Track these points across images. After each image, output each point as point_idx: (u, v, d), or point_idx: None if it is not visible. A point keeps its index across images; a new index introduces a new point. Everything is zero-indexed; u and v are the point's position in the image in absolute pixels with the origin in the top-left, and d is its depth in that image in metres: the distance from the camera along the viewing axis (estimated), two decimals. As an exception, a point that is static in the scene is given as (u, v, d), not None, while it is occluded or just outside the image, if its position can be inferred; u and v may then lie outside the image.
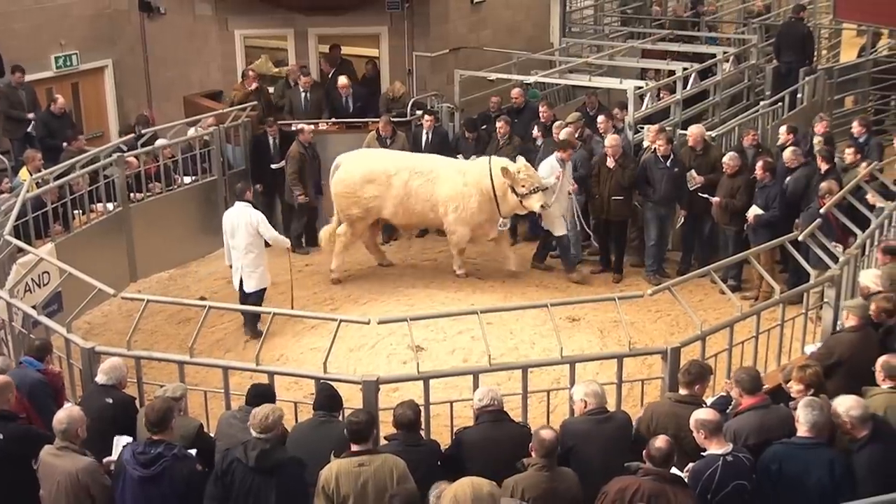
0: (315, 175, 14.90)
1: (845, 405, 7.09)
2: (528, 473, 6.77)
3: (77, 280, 9.92)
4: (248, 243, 12.24)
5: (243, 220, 12.28)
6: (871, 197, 11.43)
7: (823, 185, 11.78)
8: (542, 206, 13.27)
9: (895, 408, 7.41)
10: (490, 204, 13.52)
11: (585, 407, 7.58)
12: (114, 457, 7.43)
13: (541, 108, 15.47)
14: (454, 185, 13.60)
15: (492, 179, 13.36)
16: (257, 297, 12.41)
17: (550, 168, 13.57)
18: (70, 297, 10.59)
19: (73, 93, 16.96)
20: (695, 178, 13.39)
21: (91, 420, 7.44)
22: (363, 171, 13.76)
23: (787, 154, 13.01)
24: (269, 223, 15.14)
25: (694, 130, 13.87)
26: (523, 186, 13.18)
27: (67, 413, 7.29)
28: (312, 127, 15.21)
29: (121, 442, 7.54)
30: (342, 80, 16.31)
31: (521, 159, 13.50)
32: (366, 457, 6.87)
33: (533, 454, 6.85)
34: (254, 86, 15.85)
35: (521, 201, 13.32)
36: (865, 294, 9.43)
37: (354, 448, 6.93)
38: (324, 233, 14.41)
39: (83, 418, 7.27)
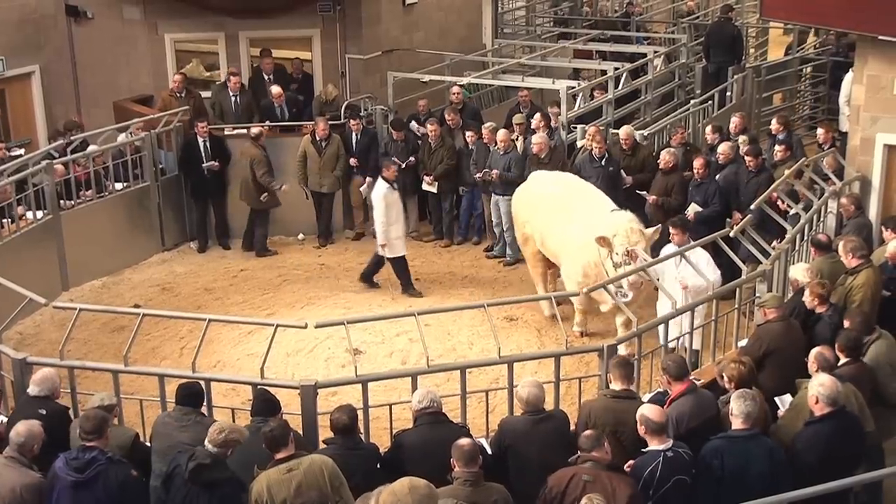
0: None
1: (819, 380, 7.38)
2: (451, 488, 6.60)
3: (7, 290, 9.75)
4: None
5: (373, 194, 13.41)
6: (801, 192, 11.65)
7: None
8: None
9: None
10: (597, 268, 11.26)
11: (525, 407, 7.64)
12: None
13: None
14: (574, 244, 11.60)
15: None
16: (395, 262, 13.47)
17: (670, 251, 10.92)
18: (0, 307, 10.41)
19: (-1, 100, 16.67)
20: (624, 179, 13.51)
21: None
22: (523, 195, 12.77)
23: (724, 147, 13.16)
24: (203, 226, 15.19)
25: (623, 131, 13.99)
26: (616, 254, 10.88)
27: (28, 427, 7.19)
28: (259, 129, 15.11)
29: None
30: (276, 89, 16.10)
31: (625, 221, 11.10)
32: (293, 461, 6.83)
33: (455, 466, 6.71)
34: (179, 90, 15.78)
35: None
36: (796, 287, 9.62)
37: (278, 456, 6.88)
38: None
39: (42, 436, 7.18)
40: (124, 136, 14.85)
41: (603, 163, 13.50)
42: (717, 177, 12.95)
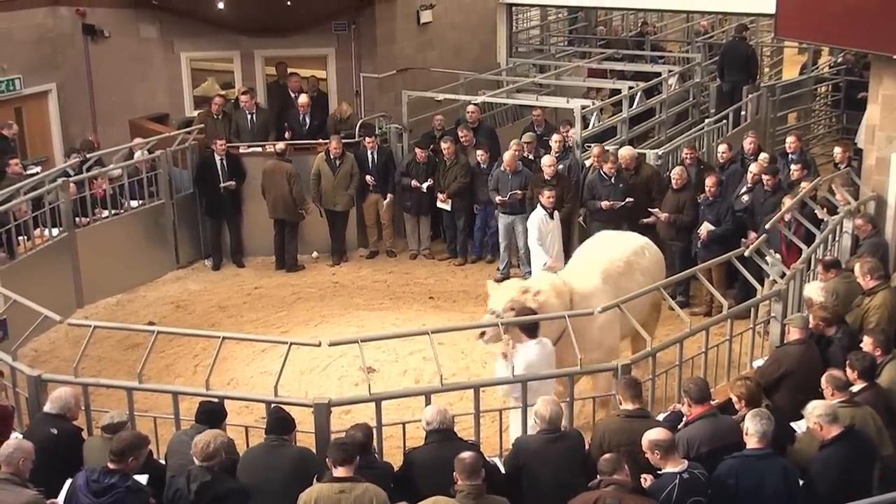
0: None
1: (810, 408, 7.34)
2: (455, 501, 6.63)
3: (23, 307, 9.78)
4: None
5: (528, 221, 13.06)
6: (819, 212, 11.62)
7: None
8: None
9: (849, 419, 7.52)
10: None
11: (545, 424, 7.60)
12: (59, 500, 7.31)
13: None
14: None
15: None
16: None
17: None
18: (16, 324, 10.45)
19: (16, 117, 16.73)
20: (659, 217, 13.35)
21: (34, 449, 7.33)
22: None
23: (755, 167, 13.10)
24: (218, 243, 15.21)
25: (624, 153, 13.99)
26: None
27: (17, 444, 7.17)
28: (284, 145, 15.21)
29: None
30: (303, 98, 16.36)
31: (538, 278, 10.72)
32: (347, 484, 6.80)
33: (458, 479, 6.73)
34: (217, 112, 15.90)
35: None
36: (810, 306, 9.58)
37: (337, 473, 6.85)
38: None
39: (30, 454, 7.12)
40: (139, 154, 14.92)
41: (613, 181, 13.51)
42: (745, 197, 12.90)
